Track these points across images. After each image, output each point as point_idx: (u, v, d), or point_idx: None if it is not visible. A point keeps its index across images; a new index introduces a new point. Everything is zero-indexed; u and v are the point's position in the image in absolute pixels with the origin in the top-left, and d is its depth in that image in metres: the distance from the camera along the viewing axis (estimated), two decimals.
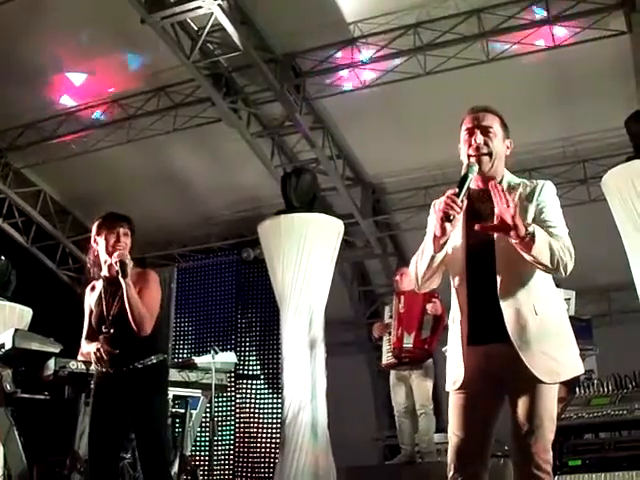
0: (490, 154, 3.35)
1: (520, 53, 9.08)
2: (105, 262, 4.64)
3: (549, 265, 3.14)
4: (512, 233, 3.06)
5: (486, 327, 3.27)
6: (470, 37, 9.13)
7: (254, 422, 12.04)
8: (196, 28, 9.17)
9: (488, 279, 3.27)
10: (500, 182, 3.34)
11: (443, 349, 8.07)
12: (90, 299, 4.68)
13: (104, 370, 4.50)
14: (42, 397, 7.86)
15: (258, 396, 12.14)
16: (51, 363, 7.47)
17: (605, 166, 9.75)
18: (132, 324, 4.43)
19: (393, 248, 13.06)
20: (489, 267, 3.27)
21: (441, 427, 8.62)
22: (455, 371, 3.35)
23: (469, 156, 3.32)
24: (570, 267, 3.18)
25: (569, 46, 8.92)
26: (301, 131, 10.49)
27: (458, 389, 3.33)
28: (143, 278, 4.65)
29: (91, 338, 4.59)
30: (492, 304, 3.24)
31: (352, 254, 12.59)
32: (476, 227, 3.15)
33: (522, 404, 3.21)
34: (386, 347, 8.38)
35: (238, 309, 12.42)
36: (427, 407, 8.04)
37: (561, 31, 8.89)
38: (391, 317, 8.39)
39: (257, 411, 12.06)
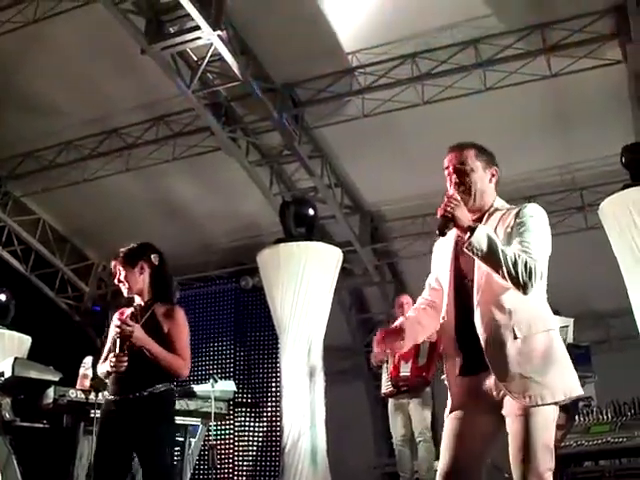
0: (468, 191, 3.41)
1: (517, 82, 9.12)
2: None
3: (491, 267, 3.17)
4: (457, 225, 3.20)
5: (475, 357, 3.28)
6: (467, 67, 9.21)
7: (252, 450, 11.99)
8: (195, 58, 9.23)
9: (469, 306, 3.32)
10: (489, 211, 3.43)
11: (442, 377, 8.12)
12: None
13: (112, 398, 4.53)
14: (41, 425, 7.87)
15: (257, 424, 12.09)
16: (50, 391, 7.48)
17: (602, 193, 9.82)
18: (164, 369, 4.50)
19: (391, 276, 13.10)
20: (470, 298, 3.32)
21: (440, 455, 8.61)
22: (451, 400, 3.40)
23: (442, 208, 3.28)
24: (528, 283, 3.16)
25: (565, 75, 8.96)
26: (300, 160, 10.55)
27: (448, 415, 3.38)
28: (171, 318, 4.62)
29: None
30: (473, 335, 3.28)
31: (350, 282, 12.60)
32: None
33: (513, 432, 3.21)
34: (385, 376, 8.38)
35: (237, 337, 12.40)
36: (426, 435, 8.02)
37: (557, 60, 8.93)
38: None
39: (256, 439, 12.02)
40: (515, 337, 3.21)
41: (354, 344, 13.63)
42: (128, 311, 4.68)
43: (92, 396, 7.26)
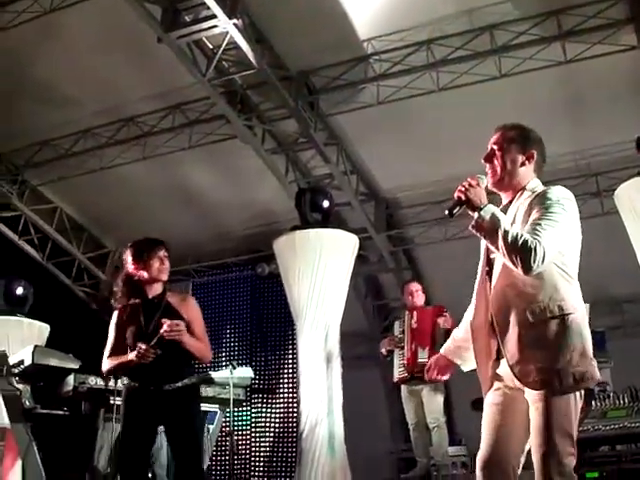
0: (496, 171, 3.51)
1: (532, 69, 9.11)
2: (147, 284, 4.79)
3: (496, 248, 3.22)
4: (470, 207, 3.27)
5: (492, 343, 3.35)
6: (483, 53, 9.20)
7: (269, 436, 12.07)
8: (211, 46, 9.27)
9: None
10: (520, 191, 3.49)
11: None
12: (120, 319, 4.81)
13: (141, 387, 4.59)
14: (61, 413, 7.94)
15: (273, 410, 12.17)
16: (70, 379, 7.53)
17: (617, 179, 9.82)
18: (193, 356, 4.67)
19: (407, 262, 13.11)
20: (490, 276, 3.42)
21: (454, 440, 8.67)
22: (483, 385, 3.45)
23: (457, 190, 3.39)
24: (526, 263, 3.16)
25: (580, 61, 8.95)
26: (315, 147, 10.57)
27: (486, 395, 3.42)
28: (187, 306, 4.84)
29: (116, 354, 4.69)
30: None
31: (366, 268, 12.64)
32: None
33: (533, 418, 3.23)
34: (398, 362, 8.42)
35: (253, 324, 12.48)
36: (439, 420, 8.07)
37: (572, 46, 8.92)
38: (402, 332, 8.44)
39: (272, 425, 12.09)
40: (527, 321, 3.23)
41: (370, 330, 13.67)
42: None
43: (112, 383, 7.34)
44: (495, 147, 3.55)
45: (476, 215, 3.23)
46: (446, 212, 3.37)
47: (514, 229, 3.22)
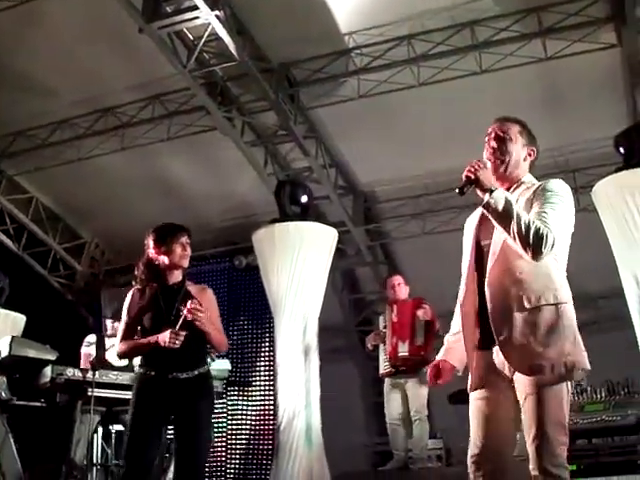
0: (502, 158, 3.57)
1: (513, 65, 9.17)
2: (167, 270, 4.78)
3: (505, 228, 3.27)
4: (463, 193, 3.36)
5: (485, 331, 3.39)
6: (463, 49, 9.24)
7: (246, 429, 12.07)
8: (192, 37, 9.23)
9: (482, 276, 3.43)
10: (517, 183, 3.57)
11: (437, 357, 8.20)
12: (134, 302, 4.78)
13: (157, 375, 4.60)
14: (38, 404, 7.90)
15: (250, 403, 12.17)
16: (48, 370, 7.51)
17: (595, 175, 9.89)
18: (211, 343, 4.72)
19: (384, 256, 13.16)
20: (484, 263, 3.44)
21: (430, 434, 8.73)
22: (471, 376, 3.48)
23: (467, 169, 3.43)
24: (535, 244, 3.24)
25: (560, 58, 9.01)
26: (295, 140, 10.57)
27: (472, 392, 3.46)
28: (205, 296, 4.85)
29: (130, 338, 4.72)
30: (485, 306, 3.38)
31: (343, 262, 12.67)
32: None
33: (525, 408, 3.28)
34: (383, 356, 8.46)
35: (230, 316, 12.42)
36: (422, 414, 8.11)
37: (553, 43, 8.98)
38: (385, 327, 8.49)
39: (249, 418, 12.09)
40: (523, 307, 3.30)
41: (346, 324, 13.72)
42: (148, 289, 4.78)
43: (89, 375, 7.32)
44: (506, 136, 3.62)
45: (487, 197, 3.30)
46: (457, 190, 3.42)
47: (526, 215, 3.28)
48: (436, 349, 8.31)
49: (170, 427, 4.93)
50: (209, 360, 7.36)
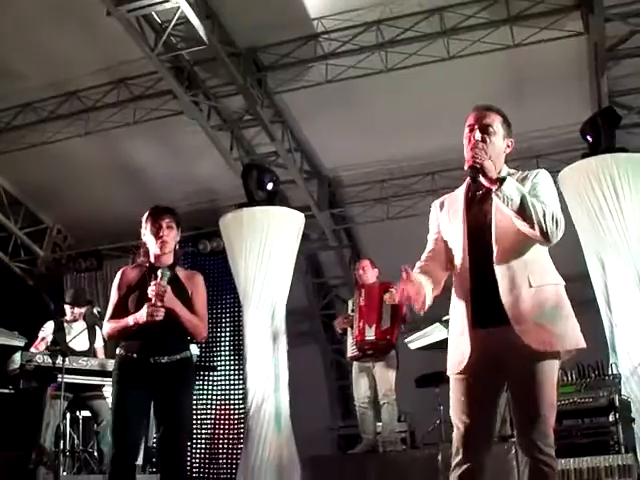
0: (486, 151, 3.51)
1: (480, 51, 9.24)
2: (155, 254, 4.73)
3: (520, 215, 3.31)
4: (485, 174, 3.37)
5: (487, 309, 3.42)
6: (432, 35, 9.29)
7: (211, 414, 12.07)
8: (160, 21, 9.15)
9: (488, 258, 3.45)
10: (498, 174, 3.53)
11: (405, 340, 8.27)
12: (123, 282, 4.71)
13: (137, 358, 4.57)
14: (6, 391, 7.85)
15: (216, 388, 12.17)
16: (17, 357, 7.48)
17: (558, 161, 10.06)
18: (185, 328, 4.61)
19: (347, 240, 13.21)
20: (488, 245, 3.46)
21: (399, 417, 8.82)
22: (456, 355, 3.49)
23: (471, 158, 3.47)
24: (552, 229, 3.34)
25: (527, 45, 9.09)
26: (261, 125, 10.55)
27: (460, 373, 3.48)
28: (193, 282, 4.79)
29: (116, 318, 4.65)
30: (492, 284, 3.41)
31: (307, 246, 12.69)
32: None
33: (521, 389, 3.36)
34: (350, 340, 8.51)
35: None
36: (390, 397, 8.18)
37: (520, 30, 9.06)
38: (353, 311, 8.54)
39: (215, 403, 12.10)
40: (530, 285, 3.38)
41: (310, 308, 13.77)
42: (137, 270, 4.74)
43: (59, 360, 7.27)
44: (491, 128, 3.61)
45: (497, 186, 3.34)
46: (470, 180, 3.52)
47: (537, 202, 3.35)
48: (403, 333, 8.44)
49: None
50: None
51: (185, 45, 9.55)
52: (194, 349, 8.54)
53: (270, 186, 9.61)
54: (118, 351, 4.77)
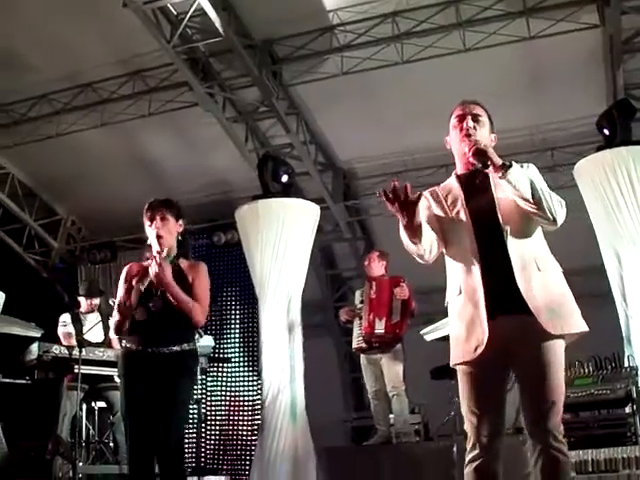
0: (477, 141, 3.55)
1: (496, 44, 9.21)
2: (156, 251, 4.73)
3: (530, 199, 3.36)
4: (489, 166, 3.41)
5: (501, 293, 3.42)
6: (448, 27, 9.27)
7: (225, 406, 12.10)
8: (175, 13, 9.16)
9: (497, 242, 3.47)
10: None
11: (421, 332, 8.29)
12: (128, 277, 4.74)
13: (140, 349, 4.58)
14: (23, 382, 7.89)
15: (231, 380, 12.19)
16: (34, 347, 7.52)
17: (573, 154, 10.05)
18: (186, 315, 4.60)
19: (361, 232, 13.22)
20: (494, 228, 3.49)
21: (410, 408, 8.85)
22: (469, 344, 3.45)
23: (473, 144, 3.51)
24: (560, 214, 3.44)
25: (543, 37, 9.06)
26: (277, 116, 10.56)
27: (469, 363, 3.46)
28: (195, 270, 4.80)
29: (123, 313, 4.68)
30: (503, 269, 3.42)
31: (321, 238, 12.70)
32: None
33: (533, 375, 3.35)
34: (357, 331, 8.55)
35: (210, 292, 12.41)
36: (399, 389, 8.22)
37: (536, 23, 9.03)
38: (362, 302, 8.56)
39: (230, 394, 12.13)
40: (538, 269, 3.43)
41: (323, 299, 13.78)
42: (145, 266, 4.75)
43: (76, 352, 7.31)
44: (480, 119, 3.65)
45: (500, 173, 3.39)
46: (480, 166, 3.48)
47: (544, 186, 3.44)
48: (410, 326, 8.44)
49: None
50: (197, 337, 7.47)
51: (201, 37, 9.56)
52: (209, 340, 8.56)
53: (285, 178, 9.62)
54: (122, 345, 4.83)
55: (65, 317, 8.22)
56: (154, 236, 4.72)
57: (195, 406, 8.22)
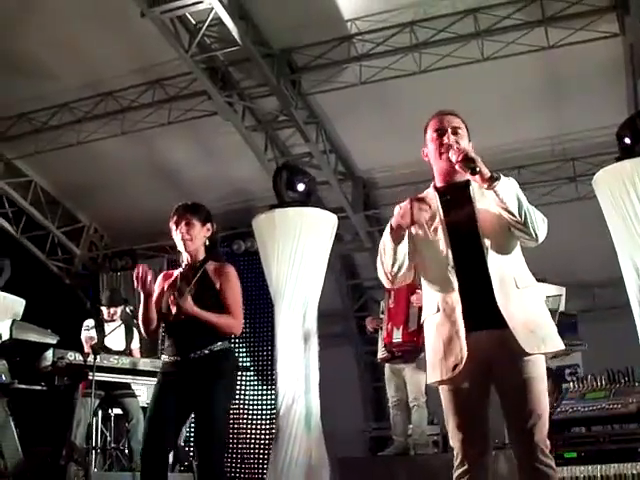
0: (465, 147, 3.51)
1: (515, 53, 9.16)
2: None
3: (515, 213, 3.30)
4: (478, 172, 3.31)
5: (479, 310, 3.35)
6: (466, 36, 9.23)
7: (244, 415, 12.09)
8: (194, 22, 9.21)
9: (473, 255, 3.41)
10: (467, 181, 3.53)
11: None
12: (160, 285, 4.70)
13: (171, 359, 4.56)
14: (38, 388, 7.92)
15: (248, 388, 12.19)
16: (49, 354, 7.54)
17: (593, 164, 9.96)
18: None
19: None
20: (473, 243, 3.42)
21: (429, 419, 8.79)
22: (444, 363, 3.40)
23: (460, 153, 3.42)
24: (542, 229, 3.37)
25: (562, 47, 9.00)
26: (296, 126, 10.58)
27: (450, 381, 3.40)
28: (222, 274, 4.67)
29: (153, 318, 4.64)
30: (481, 285, 3.35)
31: (341, 247, 12.69)
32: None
33: (518, 396, 3.30)
34: (381, 342, 8.52)
35: None
36: (420, 400, 8.16)
37: (555, 32, 8.97)
38: (383, 312, 8.55)
39: (246, 403, 12.12)
40: (516, 286, 3.37)
41: (344, 309, 13.77)
42: (176, 272, 4.71)
43: (90, 358, 7.34)
44: (460, 132, 3.61)
45: (486, 184, 3.33)
46: (470, 173, 3.37)
47: (516, 187, 3.38)
48: None
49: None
50: None
51: (219, 46, 9.60)
52: None
53: (301, 187, 9.60)
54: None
55: (89, 322, 8.29)
56: (179, 240, 4.65)
57: None
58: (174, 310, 4.42)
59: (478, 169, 3.32)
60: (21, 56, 10.11)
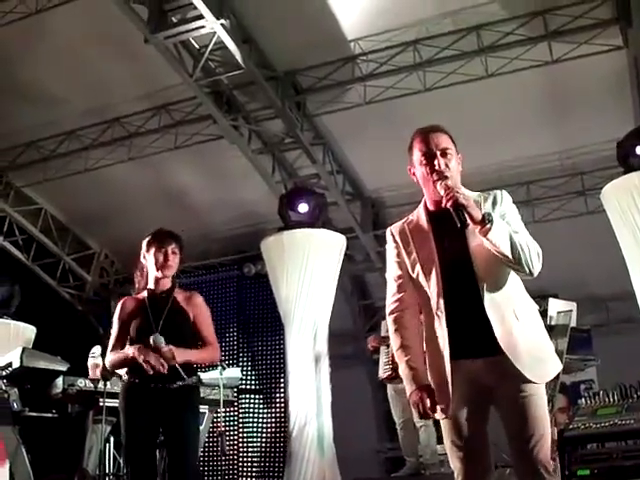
0: (447, 177, 3.31)
1: (519, 69, 9.16)
2: (155, 277, 4.70)
3: (509, 256, 3.15)
4: (466, 225, 3.13)
5: (470, 340, 3.27)
6: (469, 53, 9.24)
7: (258, 437, 12.03)
8: (198, 47, 9.27)
9: (468, 290, 3.27)
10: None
11: None
12: (123, 312, 4.70)
13: (146, 384, 4.52)
14: (49, 415, 7.91)
15: (261, 411, 12.13)
16: (59, 381, 7.52)
17: (602, 178, 9.90)
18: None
19: None
20: (467, 278, 3.28)
21: (439, 439, 8.70)
22: (441, 395, 3.30)
23: (450, 198, 3.20)
24: (536, 266, 3.23)
25: (567, 61, 8.99)
26: (302, 147, 10.58)
27: (444, 414, 3.31)
28: (193, 304, 4.72)
29: (118, 349, 4.63)
30: (475, 315, 3.24)
31: (352, 268, 12.65)
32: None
33: (518, 416, 3.22)
34: (383, 360, 8.43)
35: (240, 324, 12.41)
36: (426, 420, 8.08)
37: (559, 47, 8.96)
38: (387, 330, 8.47)
39: (261, 426, 12.06)
40: (517, 318, 3.26)
41: (355, 330, 13.68)
42: (140, 297, 4.72)
43: (101, 385, 7.32)
44: (449, 152, 3.39)
45: (479, 227, 3.15)
46: (459, 225, 3.15)
47: (517, 237, 3.22)
48: None
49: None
50: (220, 369, 7.43)
51: (223, 70, 9.64)
52: (236, 372, 8.53)
53: (305, 208, 9.61)
54: (124, 377, 4.78)
55: (95, 349, 8.24)
56: (158, 265, 4.66)
57: (218, 439, 8.13)
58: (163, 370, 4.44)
59: (467, 222, 3.15)
60: (28, 84, 10.22)
